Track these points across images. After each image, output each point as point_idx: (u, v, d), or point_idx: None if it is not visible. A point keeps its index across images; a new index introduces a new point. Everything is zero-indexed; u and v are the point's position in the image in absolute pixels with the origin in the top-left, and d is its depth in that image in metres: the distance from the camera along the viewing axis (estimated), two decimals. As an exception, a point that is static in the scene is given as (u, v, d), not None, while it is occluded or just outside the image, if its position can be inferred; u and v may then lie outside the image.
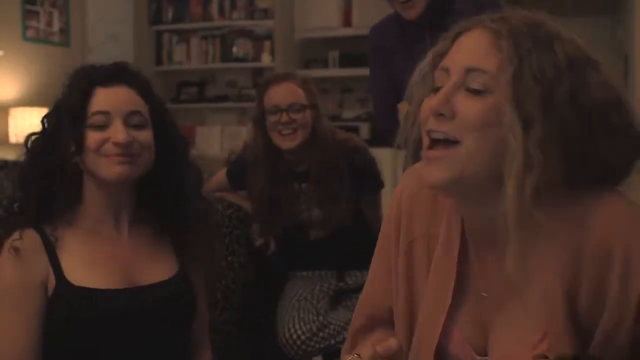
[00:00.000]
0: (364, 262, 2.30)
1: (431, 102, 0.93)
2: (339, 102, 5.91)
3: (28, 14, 4.70)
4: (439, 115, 0.91)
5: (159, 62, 6.05)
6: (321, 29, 5.61)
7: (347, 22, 5.59)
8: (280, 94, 2.15)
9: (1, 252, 1.31)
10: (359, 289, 2.27)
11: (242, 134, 5.73)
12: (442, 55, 0.98)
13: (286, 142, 2.14)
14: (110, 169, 1.33)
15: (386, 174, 2.36)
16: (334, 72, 5.68)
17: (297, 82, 2.20)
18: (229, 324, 2.12)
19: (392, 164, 2.16)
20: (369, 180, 2.31)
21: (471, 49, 0.94)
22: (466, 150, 0.90)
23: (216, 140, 5.91)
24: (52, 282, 1.31)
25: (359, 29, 5.52)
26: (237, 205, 2.29)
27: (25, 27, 4.69)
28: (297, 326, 2.10)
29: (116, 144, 1.32)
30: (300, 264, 2.28)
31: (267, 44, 5.74)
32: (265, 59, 5.73)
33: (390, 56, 2.04)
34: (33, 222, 1.33)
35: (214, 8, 5.87)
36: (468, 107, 0.90)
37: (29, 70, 4.61)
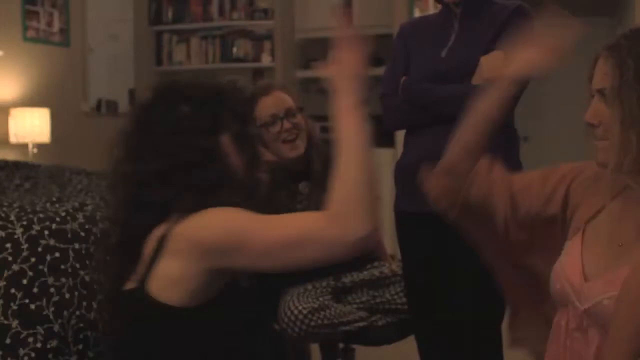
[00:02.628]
0: (357, 265, 2.32)
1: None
2: (339, 102, 5.90)
3: (28, 14, 4.70)
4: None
5: (159, 62, 6.05)
6: (321, 29, 5.61)
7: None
8: (274, 103, 2.16)
9: None
10: (357, 287, 2.29)
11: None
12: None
13: (293, 151, 2.16)
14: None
15: (386, 174, 2.36)
16: (334, 72, 5.67)
17: (281, 89, 2.22)
18: (229, 324, 2.13)
19: (392, 163, 2.17)
20: None
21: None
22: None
23: (216, 140, 5.93)
24: None
25: (359, 29, 5.52)
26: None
27: (26, 27, 4.69)
28: (297, 303, 2.07)
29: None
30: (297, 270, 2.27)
31: (267, 44, 5.74)
32: (265, 59, 5.73)
33: (416, 41, 2.07)
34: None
35: (214, 8, 5.87)
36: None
37: (29, 70, 4.62)
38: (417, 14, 4.71)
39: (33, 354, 1.59)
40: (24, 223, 1.68)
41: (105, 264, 1.43)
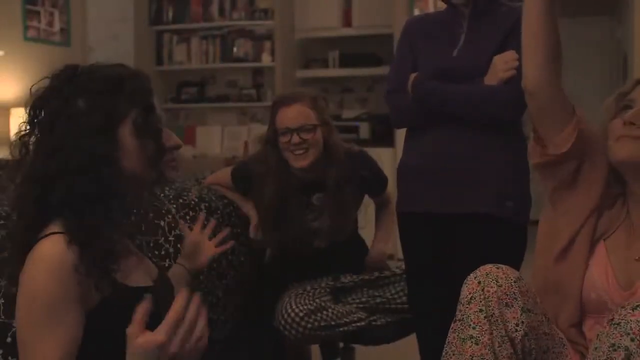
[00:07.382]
0: (357, 269, 2.33)
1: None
2: (339, 102, 5.91)
3: (29, 14, 4.70)
4: None
5: (159, 62, 6.05)
6: (321, 29, 5.61)
7: (347, 22, 5.59)
8: (291, 116, 2.14)
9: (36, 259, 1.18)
10: (357, 287, 2.30)
11: (242, 134, 5.74)
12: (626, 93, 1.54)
13: (299, 162, 2.14)
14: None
15: (386, 174, 2.36)
16: (334, 72, 5.68)
17: (307, 102, 2.17)
18: (229, 324, 2.13)
19: (392, 163, 2.17)
20: (379, 185, 2.38)
21: None
22: None
23: (216, 140, 5.92)
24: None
25: (359, 29, 5.53)
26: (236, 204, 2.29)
27: (26, 27, 4.69)
28: (293, 306, 2.09)
29: None
30: (299, 271, 2.28)
31: (267, 44, 5.74)
32: (265, 59, 5.74)
33: (423, 39, 2.06)
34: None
35: (214, 8, 5.88)
36: None
37: (29, 70, 4.62)
38: (417, 13, 4.72)
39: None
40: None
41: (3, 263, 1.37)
